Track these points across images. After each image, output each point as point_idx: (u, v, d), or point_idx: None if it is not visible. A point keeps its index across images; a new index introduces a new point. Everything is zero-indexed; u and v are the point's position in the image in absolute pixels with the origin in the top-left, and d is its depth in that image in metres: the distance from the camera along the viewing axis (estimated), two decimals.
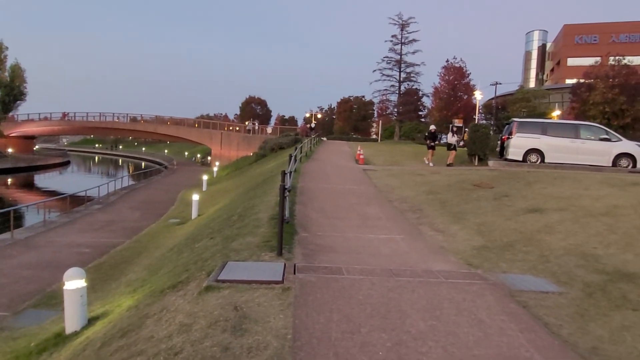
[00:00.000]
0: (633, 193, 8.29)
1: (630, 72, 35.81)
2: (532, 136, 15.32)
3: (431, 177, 12.61)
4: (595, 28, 61.50)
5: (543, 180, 10.34)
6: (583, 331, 3.54)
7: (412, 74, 43.41)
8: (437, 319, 3.63)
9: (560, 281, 4.63)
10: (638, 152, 14.46)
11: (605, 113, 34.24)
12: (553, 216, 7.17)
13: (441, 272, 4.83)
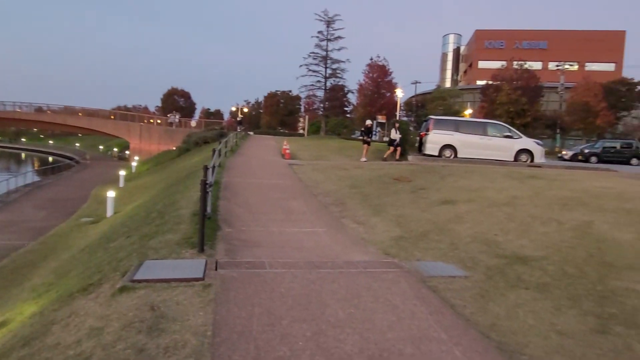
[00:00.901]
0: (530, 185, 9.24)
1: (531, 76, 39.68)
2: (446, 133, 16.42)
3: (354, 171, 13.02)
4: (502, 34, 67.10)
5: (455, 174, 11.14)
6: (484, 310, 3.90)
7: (338, 71, 44.23)
8: (355, 307, 3.79)
9: (467, 266, 5.05)
10: (536, 148, 16.11)
11: (510, 112, 37.61)
12: (463, 207, 7.76)
13: (361, 263, 5.04)
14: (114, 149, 68.75)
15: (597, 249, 5.34)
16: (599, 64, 61.91)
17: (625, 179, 10.92)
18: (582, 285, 4.37)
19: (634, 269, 4.71)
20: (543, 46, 64.47)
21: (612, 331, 3.49)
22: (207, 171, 5.81)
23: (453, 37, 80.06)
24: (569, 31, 65.05)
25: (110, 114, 53.53)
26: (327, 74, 44.12)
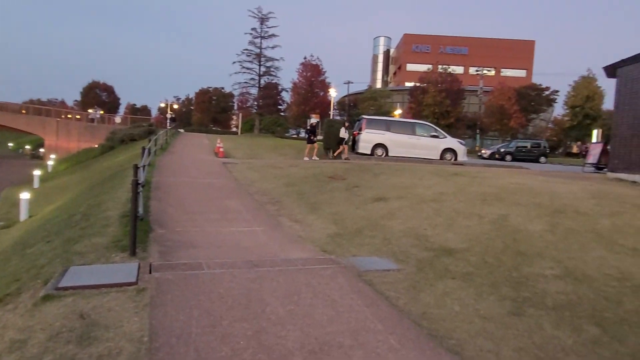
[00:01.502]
0: (454, 182, 9.89)
1: (454, 80, 42.26)
2: (378, 132, 17.05)
3: (290, 170, 13.09)
4: (428, 39, 70.70)
5: (387, 172, 11.62)
6: (415, 300, 4.15)
7: (272, 69, 44.10)
8: (295, 304, 3.86)
9: (399, 260, 5.32)
10: (459, 147, 17.26)
11: (436, 113, 39.81)
12: (394, 204, 8.14)
13: (299, 260, 5.12)
14: (27, 147, 62.82)
15: (512, 240, 5.87)
16: (513, 70, 67.51)
17: (535, 176, 12.05)
18: (500, 273, 4.79)
19: (542, 256, 5.25)
20: (464, 52, 68.93)
21: (526, 313, 3.89)
22: (138, 170, 5.56)
23: (383, 39, 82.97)
24: (487, 39, 70.13)
25: (22, 108, 48.81)
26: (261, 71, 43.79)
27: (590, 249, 5.47)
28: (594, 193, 8.51)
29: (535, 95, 45.43)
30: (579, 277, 4.62)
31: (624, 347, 3.34)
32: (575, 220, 6.65)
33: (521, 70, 68.17)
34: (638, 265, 4.88)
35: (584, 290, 4.32)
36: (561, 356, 3.22)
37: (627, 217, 6.65)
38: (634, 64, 12.02)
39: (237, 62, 43.35)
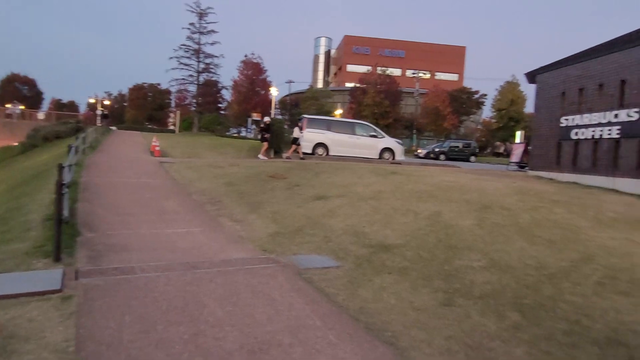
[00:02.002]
0: (391, 180, 10.23)
1: (392, 82, 43.69)
2: (319, 131, 17.23)
3: (230, 169, 12.86)
4: (368, 41, 72.52)
5: (328, 170, 11.77)
6: (354, 295, 4.26)
7: (211, 65, 43.02)
8: (234, 304, 3.80)
9: (339, 257, 5.42)
10: (397, 147, 17.88)
11: (375, 114, 40.92)
12: (335, 202, 8.27)
13: (239, 260, 5.05)
14: None
15: (444, 235, 6.19)
16: (446, 74, 71.10)
17: (465, 174, 12.78)
18: (433, 267, 5.04)
19: (471, 249, 5.59)
20: (402, 55, 71.51)
21: (455, 303, 4.12)
22: (63, 170, 5.19)
23: (324, 40, 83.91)
24: (422, 43, 73.26)
25: None
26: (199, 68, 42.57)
27: (513, 241, 5.90)
28: (517, 190, 9.19)
29: (466, 98, 48.18)
30: (502, 268, 4.98)
31: (541, 330, 3.65)
32: (500, 215, 7.14)
33: (454, 74, 71.95)
34: (553, 255, 5.35)
35: (507, 280, 4.66)
36: (486, 342, 3.45)
37: (544, 212, 7.26)
38: (550, 72, 13.12)
39: (174, 57, 41.85)
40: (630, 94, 10.22)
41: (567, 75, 12.30)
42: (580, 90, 11.81)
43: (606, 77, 10.94)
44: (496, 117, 44.75)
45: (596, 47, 11.74)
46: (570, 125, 11.85)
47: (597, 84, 11.21)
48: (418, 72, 50.47)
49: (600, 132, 10.84)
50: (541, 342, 3.44)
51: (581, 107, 11.71)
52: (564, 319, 3.81)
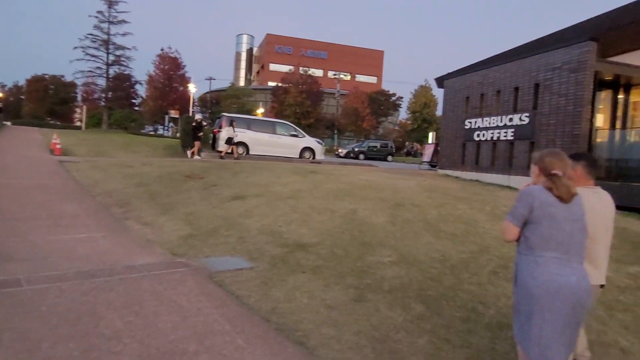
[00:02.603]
0: (311, 179, 10.32)
1: (314, 82, 44.24)
2: (239, 130, 16.87)
3: (142, 168, 12.11)
4: (290, 41, 72.76)
5: (247, 170, 11.56)
6: (266, 296, 4.19)
7: (123, 58, 40.31)
8: (135, 314, 3.55)
9: (253, 257, 5.32)
10: (317, 146, 18.11)
11: (297, 113, 41.16)
12: (252, 201, 8.13)
13: (144, 266, 4.74)
14: None
15: (359, 232, 6.36)
16: (366, 76, 73.67)
17: (382, 173, 13.32)
18: (346, 264, 5.14)
19: (383, 245, 5.80)
20: (324, 56, 72.78)
21: (366, 298, 4.23)
22: None
23: (246, 37, 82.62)
24: (344, 45, 75.19)
25: None
26: (109, 60, 39.68)
27: (421, 236, 6.23)
28: (427, 187, 9.76)
29: (384, 100, 50.36)
30: (410, 262, 5.22)
31: (441, 319, 3.87)
32: (411, 212, 7.52)
33: (373, 77, 74.80)
34: (455, 248, 5.73)
35: (414, 273, 4.89)
36: (393, 334, 3.58)
37: (449, 208, 7.77)
38: (455, 77, 14.13)
39: (79, 47, 38.52)
40: (522, 100, 11.33)
41: (470, 82, 13.33)
42: (481, 96, 12.86)
43: (503, 84, 12.03)
44: (411, 118, 47.32)
45: (494, 57, 12.87)
46: (473, 128, 12.85)
47: (495, 90, 12.28)
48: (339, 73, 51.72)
49: (498, 134, 11.89)
50: (441, 331, 3.65)
51: (482, 111, 12.76)
52: (462, 307, 4.08)
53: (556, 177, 2.42)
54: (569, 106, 9.87)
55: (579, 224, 2.43)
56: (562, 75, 10.12)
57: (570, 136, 9.80)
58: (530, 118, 10.87)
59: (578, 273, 2.35)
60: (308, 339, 3.41)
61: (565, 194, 2.39)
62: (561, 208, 2.39)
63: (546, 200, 2.41)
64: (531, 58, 11.05)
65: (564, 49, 10.15)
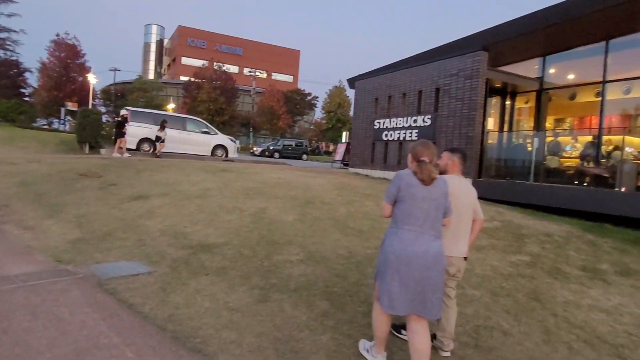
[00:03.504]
0: (221, 178, 9.99)
1: (228, 78, 43.12)
2: (145, 126, 15.82)
3: (29, 166, 10.81)
4: (204, 35, 70.15)
5: (152, 168, 10.87)
6: (164, 303, 3.92)
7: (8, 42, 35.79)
8: (4, 332, 3.09)
9: (152, 261, 4.96)
10: (230, 144, 17.64)
11: (210, 110, 39.84)
12: (156, 201, 7.63)
13: (20, 276, 4.18)
14: None
15: (267, 231, 6.26)
16: (282, 75, 73.65)
17: (295, 171, 13.34)
18: (253, 264, 5.01)
19: (292, 243, 5.77)
20: (239, 52, 71.27)
21: (271, 299, 4.15)
22: None
23: (156, 28, 78.08)
24: (260, 43, 74.32)
25: None
26: None
27: (330, 234, 6.31)
28: (337, 185, 9.96)
29: (300, 100, 50.77)
30: (317, 259, 5.25)
31: (345, 315, 3.92)
32: (320, 210, 7.59)
33: (289, 76, 74.98)
34: (361, 245, 5.89)
35: (320, 270, 4.92)
36: (296, 333, 3.53)
37: (358, 205, 7.99)
38: (366, 79, 14.63)
39: None
40: (425, 103, 12.06)
41: (379, 84, 13.89)
42: (389, 98, 13.46)
43: (408, 87, 12.69)
44: (326, 118, 48.26)
45: (401, 61, 13.54)
46: (381, 128, 13.41)
47: (401, 93, 12.92)
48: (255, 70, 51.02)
49: (404, 134, 12.53)
50: (344, 326, 3.69)
51: (390, 112, 13.36)
52: (365, 302, 4.18)
53: (423, 162, 2.84)
54: (465, 110, 10.71)
55: (435, 202, 2.86)
56: (458, 81, 10.95)
57: (465, 137, 10.64)
58: (432, 120, 11.62)
59: (428, 243, 2.81)
60: (207, 345, 3.23)
61: (427, 177, 2.82)
62: (422, 189, 2.84)
63: (410, 182, 2.85)
64: (433, 64, 11.81)
65: (459, 57, 10.99)
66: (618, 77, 10.20)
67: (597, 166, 9.63)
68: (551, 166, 10.33)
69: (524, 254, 5.95)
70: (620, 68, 10.15)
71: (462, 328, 3.81)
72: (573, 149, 10.98)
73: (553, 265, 5.53)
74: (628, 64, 10.25)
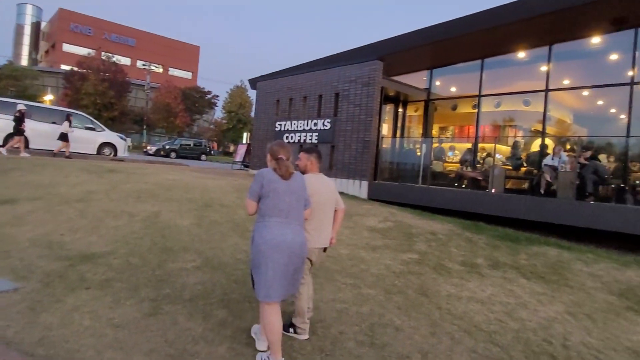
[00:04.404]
0: (108, 179, 9.13)
1: (118, 70, 39.82)
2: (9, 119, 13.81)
3: None
4: (90, 21, 63.79)
5: (23, 167, 9.55)
6: (32, 324, 3.42)
7: None
8: None
9: (20, 276, 4.32)
10: (119, 142, 16.22)
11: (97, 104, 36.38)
12: (26, 206, 6.70)
13: None
14: None
15: (161, 237, 5.86)
16: (180, 70, 70.08)
17: (193, 173, 12.76)
18: (143, 274, 4.64)
19: (187, 250, 5.47)
20: (132, 43, 66.16)
21: (162, 311, 3.86)
22: None
23: (31, 8, 68.99)
24: (156, 35, 69.78)
25: None
26: None
27: (228, 238, 6.12)
28: (237, 187, 9.72)
29: (199, 98, 48.78)
30: (215, 265, 5.04)
31: (243, 322, 3.81)
32: (219, 213, 7.34)
33: (187, 72, 71.66)
34: None
35: (218, 277, 4.73)
36: (190, 346, 3.33)
37: None
38: (268, 80, 14.57)
39: None
40: (325, 107, 12.38)
41: (281, 86, 13.92)
42: (290, 100, 13.56)
43: (309, 91, 12.92)
44: (227, 118, 47.08)
45: (302, 64, 13.73)
46: (283, 130, 13.45)
47: (302, 96, 13.10)
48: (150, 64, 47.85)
49: (304, 137, 12.72)
50: (242, 335, 3.57)
51: (291, 115, 13.47)
52: None
53: (280, 160, 3.15)
54: (362, 115, 11.22)
55: (295, 195, 3.16)
56: (357, 88, 11.44)
57: (362, 142, 11.15)
58: (332, 124, 11.96)
59: (294, 232, 3.09)
60: None
61: (285, 173, 3.12)
62: (283, 184, 3.11)
63: (272, 178, 3.11)
64: (333, 70, 12.17)
65: (358, 65, 11.49)
66: (491, 92, 11.54)
67: (474, 170, 10.78)
68: (436, 170, 11.30)
69: (413, 252, 6.39)
70: (492, 84, 11.50)
71: (359, 327, 3.94)
72: (454, 155, 12.16)
73: (438, 261, 6.02)
74: (499, 81, 11.66)
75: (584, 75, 10.45)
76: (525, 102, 11.74)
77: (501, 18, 9.37)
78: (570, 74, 10.56)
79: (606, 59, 9.85)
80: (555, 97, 10.64)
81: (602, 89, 10.06)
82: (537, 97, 10.69)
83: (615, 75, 9.54)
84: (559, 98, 10.92)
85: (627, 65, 9.09)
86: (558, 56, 10.15)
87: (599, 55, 9.96)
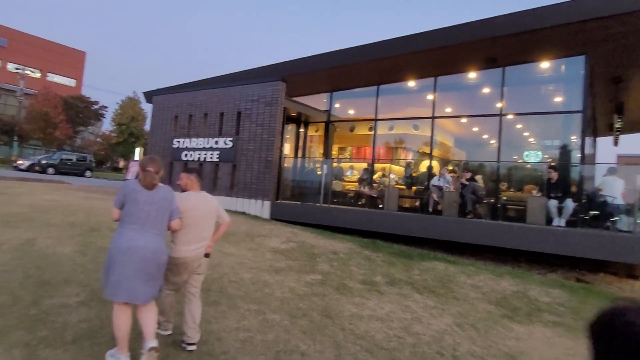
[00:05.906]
0: None
1: None
2: None
3: None
4: None
5: None
6: None
7: None
8: None
9: None
10: None
11: None
12: None
13: None
14: None
15: (36, 268, 5.15)
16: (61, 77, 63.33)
17: (75, 192, 11.52)
18: (14, 314, 4.01)
19: (69, 282, 4.87)
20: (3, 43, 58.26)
21: (39, 358, 3.36)
22: None
23: None
24: (33, 36, 62.29)
25: None
26: None
27: None
28: None
29: (84, 108, 44.48)
30: (103, 299, 4.53)
31: None
32: (107, 238, 6.69)
33: (71, 79, 65.08)
34: None
35: (107, 312, 4.26)
36: None
37: None
38: (165, 95, 13.88)
39: None
40: (227, 125, 12.14)
41: (180, 101, 13.35)
42: (190, 117, 13.06)
43: (210, 108, 12.58)
44: (116, 131, 43.58)
45: (203, 80, 13.35)
46: (181, 147, 12.86)
47: (203, 113, 12.71)
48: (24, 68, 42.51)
49: (205, 155, 12.30)
50: None
51: (190, 132, 12.96)
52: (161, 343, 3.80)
53: (147, 172, 3.36)
54: (265, 135, 11.22)
55: (156, 205, 3.37)
56: (259, 107, 11.43)
57: (265, 161, 11.13)
58: (234, 142, 11.76)
59: (147, 239, 3.28)
60: None
61: (148, 184, 3.35)
62: (144, 194, 3.33)
63: (135, 188, 3.34)
64: (235, 88, 12.03)
65: (260, 84, 11.52)
66: (385, 116, 12.39)
67: (371, 189, 11.40)
68: (336, 189, 11.71)
69: (316, 272, 6.48)
70: (387, 109, 12.36)
71: (264, 356, 3.84)
72: (353, 174, 12.74)
73: (340, 281, 6.18)
74: (392, 106, 12.58)
75: (463, 105, 11.78)
76: (415, 127, 12.82)
77: (392, 50, 10.18)
78: (451, 103, 11.82)
79: (481, 92, 11.24)
80: (440, 123, 11.80)
81: (477, 118, 11.43)
82: (425, 123, 11.75)
83: (487, 106, 10.92)
84: (443, 124, 12.14)
85: (497, 98, 10.47)
86: (442, 87, 11.31)
87: (475, 88, 11.33)
